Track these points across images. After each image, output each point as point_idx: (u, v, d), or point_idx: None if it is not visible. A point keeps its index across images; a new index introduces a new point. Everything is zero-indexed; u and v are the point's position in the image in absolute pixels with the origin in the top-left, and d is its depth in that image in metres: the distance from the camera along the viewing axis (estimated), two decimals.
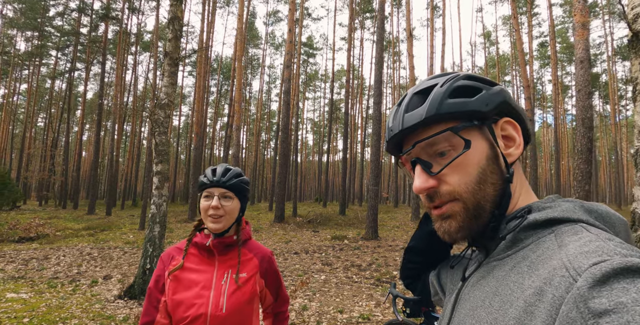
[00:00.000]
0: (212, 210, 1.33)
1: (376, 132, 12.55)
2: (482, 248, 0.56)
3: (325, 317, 4.68)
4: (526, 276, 0.42)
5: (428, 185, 0.52)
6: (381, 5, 13.41)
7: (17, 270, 7.10)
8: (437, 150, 0.53)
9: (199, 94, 20.37)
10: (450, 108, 0.51)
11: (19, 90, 36.53)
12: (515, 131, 0.54)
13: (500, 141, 0.53)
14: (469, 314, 0.48)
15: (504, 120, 0.54)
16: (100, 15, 22.99)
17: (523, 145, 0.54)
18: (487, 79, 0.56)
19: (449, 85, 0.53)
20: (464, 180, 0.50)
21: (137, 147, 33.30)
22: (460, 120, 0.52)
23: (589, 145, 6.95)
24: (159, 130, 6.16)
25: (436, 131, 0.52)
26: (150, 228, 5.78)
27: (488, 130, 0.52)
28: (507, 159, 0.52)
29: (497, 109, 0.53)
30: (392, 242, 11.26)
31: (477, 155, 0.51)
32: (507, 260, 0.48)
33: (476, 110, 0.51)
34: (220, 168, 1.42)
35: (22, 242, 10.52)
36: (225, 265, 1.37)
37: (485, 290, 0.48)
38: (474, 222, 0.51)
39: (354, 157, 33.88)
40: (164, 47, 6.49)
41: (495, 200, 0.51)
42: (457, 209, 0.51)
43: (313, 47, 38.12)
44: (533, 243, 0.46)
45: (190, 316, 1.27)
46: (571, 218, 0.45)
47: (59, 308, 4.91)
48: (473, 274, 0.55)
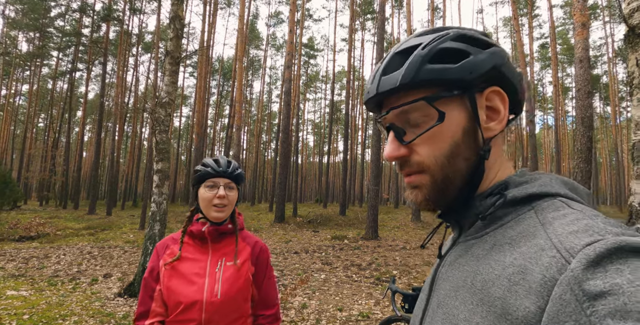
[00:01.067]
0: (218, 200, 1.36)
1: (377, 133, 12.57)
2: (456, 225, 0.54)
3: (324, 315, 4.68)
4: (507, 254, 0.41)
5: (397, 153, 0.50)
6: (382, 7, 13.45)
7: (17, 269, 7.11)
8: (409, 119, 0.50)
9: (200, 95, 20.42)
10: (428, 75, 0.47)
11: (20, 91, 36.67)
12: (501, 103, 0.49)
13: (482, 113, 0.49)
14: (450, 294, 0.46)
15: (491, 89, 0.48)
16: (102, 15, 23.06)
17: (507, 119, 0.49)
18: (482, 38, 0.49)
19: (431, 48, 0.48)
20: (433, 153, 0.48)
21: (138, 148, 33.36)
22: (438, 89, 0.48)
23: (589, 145, 6.95)
24: (159, 129, 6.18)
25: (411, 99, 0.48)
26: (150, 226, 5.80)
27: (469, 101, 0.48)
28: (484, 134, 0.48)
29: (483, 76, 0.47)
30: (392, 242, 11.26)
31: (452, 128, 0.48)
32: (485, 238, 0.46)
33: (457, 79, 0.47)
34: (222, 159, 1.45)
35: (23, 241, 10.54)
36: (218, 253, 1.39)
37: (465, 270, 0.46)
38: (441, 195, 0.49)
39: (354, 158, 33.91)
40: (165, 47, 6.51)
41: (466, 176, 0.48)
42: (424, 181, 0.49)
43: (314, 49, 38.20)
44: (513, 220, 0.44)
45: (185, 303, 1.29)
46: (550, 192, 0.44)
47: (59, 305, 4.92)
48: (449, 253, 0.53)
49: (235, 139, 16.18)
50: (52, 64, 33.61)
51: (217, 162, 1.42)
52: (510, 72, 0.49)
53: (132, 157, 32.60)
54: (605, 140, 41.17)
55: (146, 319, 1.34)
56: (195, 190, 1.43)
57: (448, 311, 0.45)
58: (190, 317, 1.28)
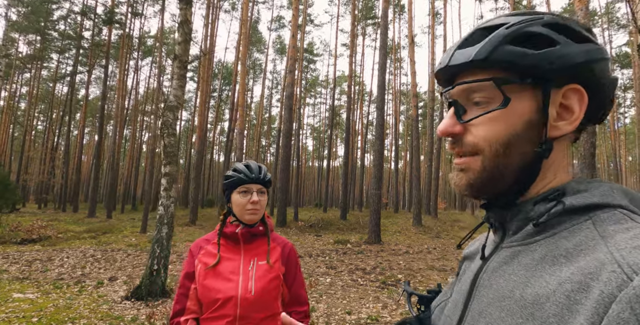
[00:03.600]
0: (252, 205, 1.43)
1: (379, 137, 12.63)
2: (499, 227, 0.51)
3: (333, 318, 4.69)
4: (564, 268, 0.37)
5: (452, 130, 0.48)
6: (384, 12, 13.58)
7: (21, 271, 7.09)
8: (474, 97, 0.48)
9: (202, 98, 20.46)
10: (504, 56, 0.44)
11: (20, 93, 36.64)
12: (578, 103, 0.45)
13: (553, 109, 0.45)
14: (494, 304, 0.43)
15: (571, 87, 0.44)
16: (105, 19, 23.15)
17: (580, 121, 0.45)
18: (578, 30, 0.45)
19: (516, 29, 0.45)
20: (489, 137, 0.46)
21: (137, 151, 33.32)
22: (511, 73, 0.45)
23: (592, 150, 7.02)
24: (167, 132, 6.21)
25: (480, 77, 0.46)
26: (157, 229, 5.81)
27: (542, 93, 0.45)
28: (550, 132, 0.45)
29: (565, 71, 0.43)
30: (395, 246, 11.27)
31: (515, 117, 0.45)
32: (534, 247, 0.43)
33: (534, 66, 0.43)
34: (253, 165, 1.50)
35: (25, 244, 10.50)
36: (250, 254, 1.45)
37: (512, 279, 0.42)
38: (487, 184, 0.47)
39: (354, 163, 33.96)
40: (174, 51, 6.56)
41: (519, 171, 0.46)
42: (474, 165, 0.47)
43: (314, 54, 38.38)
44: (566, 230, 0.41)
45: (221, 299, 1.35)
46: (611, 203, 0.41)
47: (67, 308, 4.91)
48: (492, 257, 0.49)
49: (237, 143, 16.20)
50: (52, 67, 33.68)
51: (249, 168, 1.47)
52: (601, 74, 0.45)
53: (131, 160, 32.55)
54: (603, 145, 41.37)
55: (182, 316, 1.41)
56: (228, 194, 1.48)
57: (492, 322, 0.42)
58: (226, 313, 1.34)
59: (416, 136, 20.02)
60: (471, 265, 0.55)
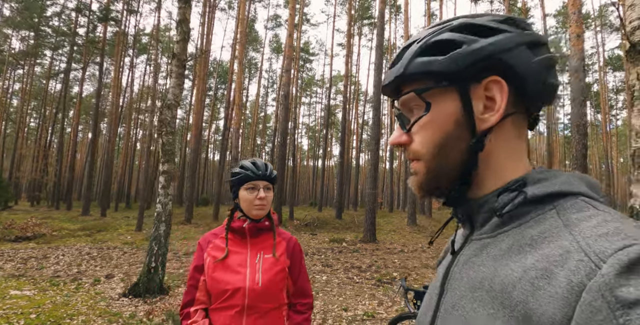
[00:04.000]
0: (259, 201, 1.49)
1: (375, 137, 12.71)
2: (467, 221, 0.52)
3: (330, 314, 4.76)
4: (528, 255, 0.39)
5: (399, 140, 0.52)
6: (381, 12, 13.66)
7: (16, 269, 7.07)
8: (411, 109, 0.52)
9: (198, 96, 20.41)
10: (417, 68, 0.48)
11: (12, 90, 36.25)
12: (499, 93, 0.46)
13: (480, 104, 0.47)
14: (466, 296, 0.44)
15: (490, 79, 0.46)
16: (100, 16, 22.99)
17: (504, 109, 0.46)
18: (489, 25, 0.47)
19: (425, 41, 0.49)
20: (425, 142, 0.49)
21: (132, 149, 33.13)
22: (429, 81, 0.48)
23: (584, 151, 7.16)
24: (166, 130, 6.23)
25: (408, 90, 0.50)
26: (155, 227, 5.83)
27: (459, 92, 0.47)
28: (478, 125, 0.47)
29: (474, 67, 0.45)
30: (390, 245, 11.37)
31: (442, 119, 0.48)
32: (502, 238, 0.44)
33: (444, 70, 0.46)
34: (260, 162, 1.56)
35: (19, 241, 10.45)
36: (256, 247, 1.52)
37: (481, 270, 0.44)
38: (433, 183, 0.50)
39: (349, 162, 34.07)
40: (172, 49, 6.58)
41: (460, 167, 0.48)
42: (420, 168, 0.50)
43: (310, 53, 38.39)
44: (532, 220, 0.42)
45: (230, 290, 1.41)
46: (571, 191, 0.42)
47: (65, 305, 4.93)
48: (462, 251, 0.51)
49: (233, 142, 16.20)
50: (45, 63, 33.36)
51: (256, 165, 1.53)
52: (515, 61, 0.45)
53: (125, 159, 32.37)
54: (595, 147, 41.85)
55: (192, 306, 1.47)
56: (235, 191, 1.54)
57: (465, 314, 0.43)
58: (235, 303, 1.41)
59: None
60: (444, 262, 0.56)
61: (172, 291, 5.71)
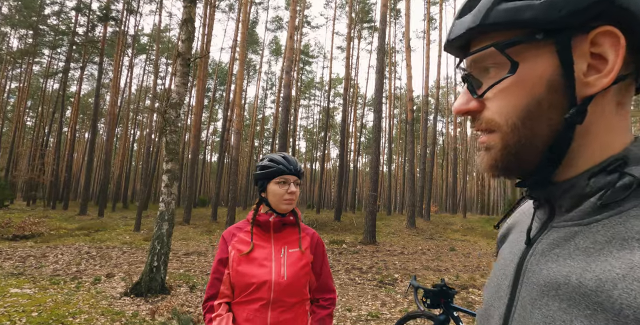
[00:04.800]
0: (289, 195, 1.49)
1: (376, 139, 12.74)
2: (545, 204, 0.44)
3: (334, 314, 4.75)
4: (637, 251, 0.31)
5: (465, 107, 0.43)
6: (383, 16, 13.73)
7: (15, 267, 7.01)
8: (486, 68, 0.42)
9: (198, 97, 20.40)
10: (500, 17, 0.38)
11: (9, 88, 36.08)
12: (613, 49, 0.36)
13: (583, 62, 0.37)
14: (549, 293, 0.37)
15: (600, 30, 0.36)
16: (100, 16, 22.98)
17: (619, 70, 0.36)
18: None
19: None
20: (505, 111, 0.40)
21: (129, 150, 33.02)
22: (519, 32, 0.38)
23: None
24: (170, 129, 6.22)
25: (483, 45, 0.41)
26: (158, 226, 5.81)
27: (558, 47, 0.37)
28: (579, 91, 0.37)
29: (583, 13, 0.36)
30: (389, 247, 11.38)
31: (531, 81, 0.38)
32: (596, 228, 0.36)
33: (539, 18, 0.37)
34: (290, 157, 1.56)
35: (17, 240, 10.38)
36: (280, 242, 1.51)
37: (568, 264, 0.36)
38: (512, 163, 0.41)
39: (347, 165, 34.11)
40: (177, 48, 6.59)
41: (547, 144, 0.39)
42: (495, 142, 0.41)
43: (309, 55, 38.51)
44: (636, 207, 0.34)
45: (256, 283, 1.40)
46: None
47: (66, 303, 4.89)
48: (540, 238, 0.42)
49: (234, 143, 16.18)
50: (43, 62, 33.26)
51: (287, 160, 1.53)
52: (636, 6, 0.35)
53: (122, 159, 32.25)
54: None
55: (215, 300, 1.46)
56: (263, 184, 1.52)
57: (550, 314, 0.35)
58: (260, 296, 1.40)
59: (411, 140, 20.22)
60: (511, 248, 0.48)
61: (174, 290, 5.68)
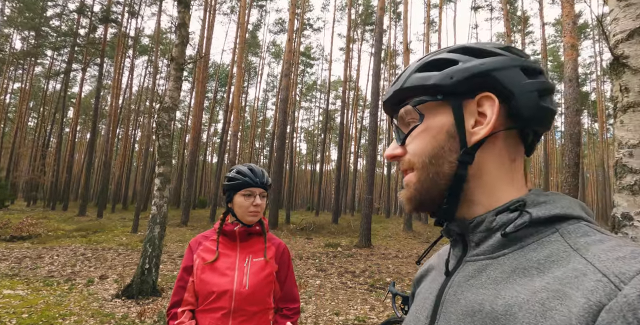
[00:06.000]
0: (254, 208, 1.53)
1: (372, 142, 12.78)
2: (459, 240, 0.51)
3: (321, 319, 4.79)
4: (536, 279, 0.37)
5: (393, 153, 0.53)
6: (380, 19, 13.80)
7: (10, 268, 7.08)
8: (407, 122, 0.53)
9: (198, 99, 20.49)
10: (413, 82, 0.50)
11: (11, 89, 36.30)
12: (490, 108, 0.47)
13: (471, 118, 0.48)
14: (464, 320, 0.42)
15: (482, 95, 0.47)
16: (100, 17, 23.13)
17: (494, 123, 0.46)
18: (487, 49, 0.50)
19: (425, 59, 0.52)
20: (418, 152, 0.50)
21: (130, 151, 33.14)
22: (423, 94, 0.50)
23: (577, 160, 7.24)
24: (162, 133, 6.28)
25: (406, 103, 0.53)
26: (150, 229, 5.86)
27: (452, 105, 0.48)
28: (468, 138, 0.47)
29: (468, 82, 0.47)
30: (384, 250, 11.40)
31: (435, 129, 0.49)
32: (503, 260, 0.43)
33: (438, 84, 0.48)
34: (257, 169, 1.59)
35: (14, 241, 10.45)
36: (246, 251, 1.55)
37: (481, 293, 0.42)
38: (425, 195, 0.49)
39: (346, 167, 34.15)
40: (170, 53, 6.65)
41: (449, 180, 0.48)
42: (411, 180, 0.50)
43: (310, 57, 38.61)
44: (535, 242, 0.41)
45: (217, 292, 1.44)
46: (573, 215, 0.42)
47: (57, 305, 4.95)
48: (456, 272, 0.48)
49: (231, 145, 16.25)
50: (45, 63, 33.45)
51: (254, 172, 1.56)
52: (507, 80, 0.46)
53: (123, 160, 32.37)
54: (593, 155, 42.08)
55: (179, 307, 1.49)
56: (230, 195, 1.57)
57: None
58: (221, 305, 1.43)
59: None
60: (430, 283, 0.55)
61: (165, 293, 5.73)
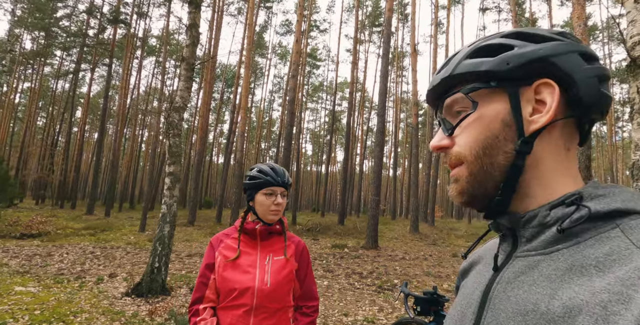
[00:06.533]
0: (275, 207, 1.54)
1: (379, 144, 12.77)
2: (509, 235, 0.49)
3: (330, 319, 4.79)
4: (596, 278, 0.35)
5: (440, 144, 0.51)
6: (388, 21, 13.79)
7: (21, 266, 7.15)
8: (455, 111, 0.51)
9: (205, 100, 20.60)
10: (463, 69, 0.48)
11: (21, 89, 36.77)
12: (550, 95, 0.45)
13: (528, 106, 0.46)
14: (516, 318, 0.40)
15: (540, 81, 0.45)
16: (110, 18, 23.35)
17: (556, 112, 0.45)
18: (541, 34, 0.48)
19: (475, 45, 0.50)
20: (469, 143, 0.47)
21: (137, 151, 33.38)
22: (475, 81, 0.48)
23: (587, 163, 7.17)
24: (173, 132, 6.33)
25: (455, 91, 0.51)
26: (160, 227, 5.91)
27: (508, 92, 0.46)
28: (526, 127, 0.45)
29: (525, 67, 0.45)
30: (391, 252, 11.37)
31: (490, 119, 0.47)
32: (557, 256, 0.41)
33: (491, 71, 0.46)
34: (278, 168, 1.60)
35: (24, 239, 10.57)
36: (266, 250, 1.56)
37: (534, 291, 0.40)
38: (478, 189, 0.47)
39: (352, 169, 34.13)
40: (181, 53, 6.70)
41: (504, 171, 0.46)
42: (462, 173, 0.48)
43: (317, 59, 38.66)
44: (592, 238, 0.39)
45: (240, 289, 1.45)
46: (636, 210, 0.39)
47: (68, 302, 4.99)
48: (505, 267, 0.47)
49: (238, 146, 16.31)
50: (55, 63, 33.83)
51: (275, 171, 1.57)
52: (568, 65, 0.44)
53: (130, 160, 32.61)
54: (601, 159, 41.66)
55: (201, 304, 1.50)
56: (251, 194, 1.57)
57: None
58: (243, 302, 1.45)
59: (416, 144, 20.20)
60: (477, 277, 0.53)
61: (174, 292, 5.76)
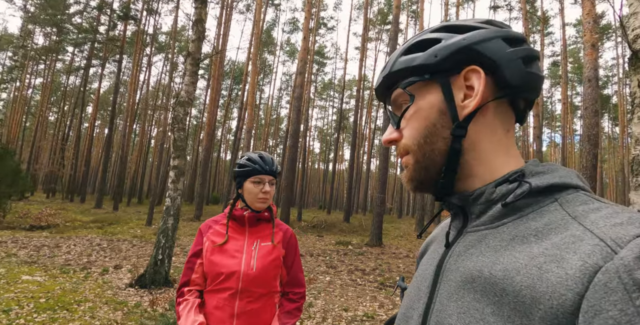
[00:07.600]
0: (263, 194, 1.56)
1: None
2: (460, 212, 0.52)
3: (330, 314, 4.81)
4: (534, 245, 0.38)
5: (389, 137, 0.54)
6: (396, 18, 13.72)
7: (29, 256, 7.29)
8: (399, 104, 0.55)
9: (212, 96, 20.72)
10: (399, 66, 0.52)
11: (34, 84, 37.35)
12: (477, 80, 0.48)
13: (460, 93, 0.49)
14: (465, 286, 0.43)
15: (468, 69, 0.48)
16: (120, 15, 23.58)
17: (482, 94, 0.47)
18: (467, 25, 0.51)
19: (409, 42, 0.53)
20: (413, 134, 0.51)
21: (146, 146, 33.71)
22: (410, 76, 0.51)
23: (594, 162, 7.08)
24: (178, 127, 6.39)
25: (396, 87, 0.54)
26: (164, 220, 5.97)
27: (439, 82, 0.50)
28: (459, 112, 0.48)
29: (451, 58, 0.48)
30: (395, 250, 11.35)
31: (426, 109, 0.50)
32: (502, 229, 0.44)
33: (423, 64, 0.50)
34: (266, 156, 1.62)
35: (33, 230, 10.76)
36: (254, 236, 1.59)
37: (480, 260, 0.43)
38: (424, 174, 0.51)
39: (359, 167, 34.08)
40: (187, 48, 6.75)
41: (447, 155, 0.49)
42: (409, 161, 0.52)
43: (325, 56, 38.62)
44: (534, 212, 0.43)
45: (225, 273, 1.48)
46: (571, 184, 0.43)
47: (73, 291, 5.08)
48: (457, 242, 0.50)
49: (245, 142, 16.39)
50: (66, 59, 34.27)
51: (264, 160, 1.59)
52: (490, 50, 0.47)
53: (139, 155, 32.94)
54: (613, 160, 41.04)
55: (187, 287, 1.55)
56: (240, 182, 1.60)
57: (465, 305, 0.42)
58: (229, 286, 1.48)
59: None
60: (431, 255, 0.56)
61: (177, 284, 5.83)
